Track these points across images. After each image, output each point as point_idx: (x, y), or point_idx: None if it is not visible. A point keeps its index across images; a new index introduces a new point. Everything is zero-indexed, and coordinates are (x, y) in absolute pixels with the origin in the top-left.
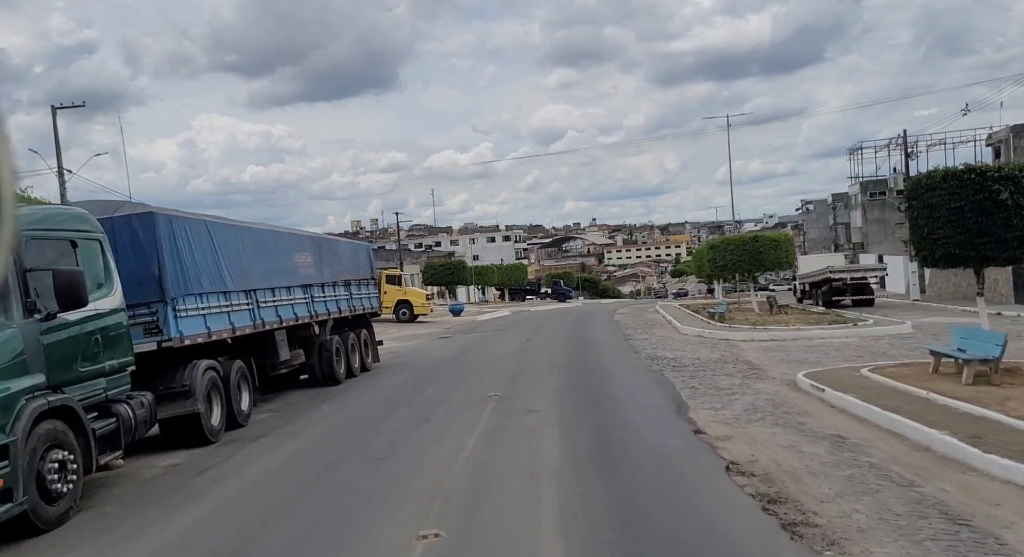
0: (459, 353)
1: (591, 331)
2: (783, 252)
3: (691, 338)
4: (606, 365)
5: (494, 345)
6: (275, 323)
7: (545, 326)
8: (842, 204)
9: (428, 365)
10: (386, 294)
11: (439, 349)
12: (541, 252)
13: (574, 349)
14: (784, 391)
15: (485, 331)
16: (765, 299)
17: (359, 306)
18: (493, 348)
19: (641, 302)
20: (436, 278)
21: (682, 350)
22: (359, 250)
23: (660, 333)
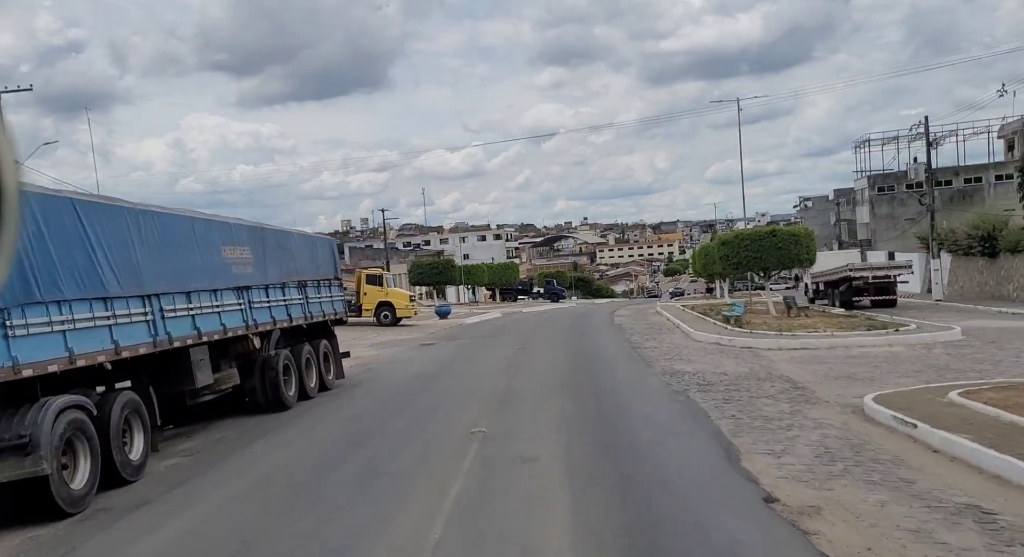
0: (441, 367)
1: (592, 337)
2: (803, 248)
3: (708, 346)
4: (617, 384)
5: (482, 356)
6: (190, 338)
7: (540, 331)
8: (844, 200)
9: (402, 383)
10: (366, 296)
11: (418, 361)
12: (533, 251)
13: (575, 362)
14: (854, 423)
15: (473, 337)
16: (782, 300)
17: (318, 312)
18: (481, 360)
19: (637, 302)
20: (423, 278)
21: (702, 362)
22: (319, 245)
23: (670, 340)
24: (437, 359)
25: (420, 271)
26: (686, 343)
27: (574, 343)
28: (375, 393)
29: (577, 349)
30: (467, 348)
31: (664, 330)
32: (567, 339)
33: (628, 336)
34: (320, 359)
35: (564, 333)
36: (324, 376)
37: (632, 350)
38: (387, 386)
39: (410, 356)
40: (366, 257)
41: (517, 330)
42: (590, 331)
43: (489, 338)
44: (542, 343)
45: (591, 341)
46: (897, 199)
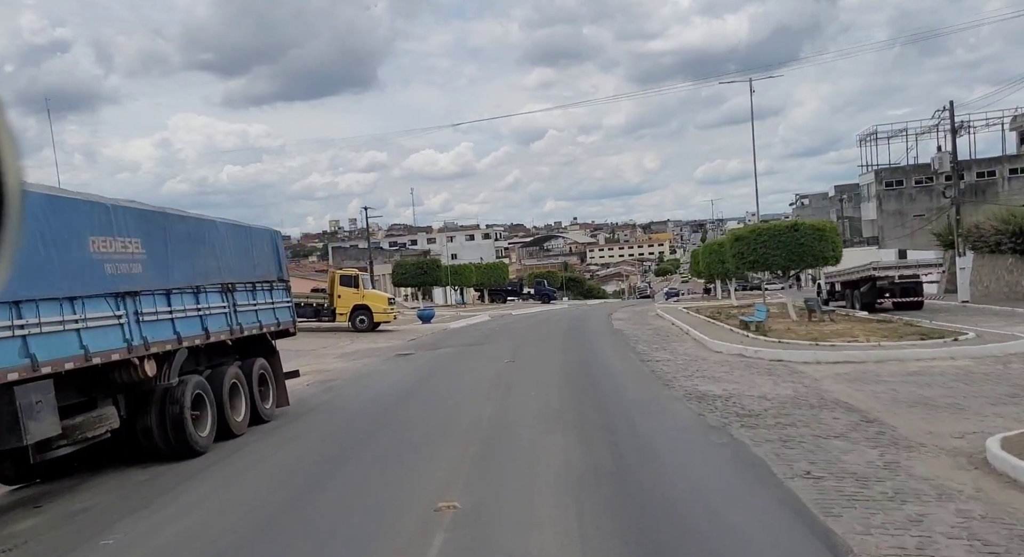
0: (414, 386)
1: (591, 346)
2: (828, 244)
3: (730, 359)
4: (633, 414)
5: (464, 371)
6: (16, 371)
7: (532, 338)
8: (846, 196)
9: (359, 412)
10: (340, 298)
11: (389, 377)
12: (522, 251)
13: (575, 380)
14: (993, 489)
15: (456, 346)
16: (803, 303)
17: (251, 324)
18: (462, 377)
19: (632, 303)
20: (407, 278)
21: (731, 381)
22: (255, 238)
23: (684, 350)
24: (412, 375)
25: (404, 271)
26: (703, 354)
27: (572, 353)
28: (323, 427)
29: (576, 362)
30: (448, 360)
31: (672, 337)
32: (563, 348)
33: (633, 345)
34: (253, 384)
35: (559, 340)
36: (259, 406)
37: (642, 363)
38: (342, 415)
39: (381, 370)
40: (350, 257)
41: (506, 337)
42: (588, 337)
43: (475, 347)
44: (535, 354)
45: (591, 351)
46: (906, 195)
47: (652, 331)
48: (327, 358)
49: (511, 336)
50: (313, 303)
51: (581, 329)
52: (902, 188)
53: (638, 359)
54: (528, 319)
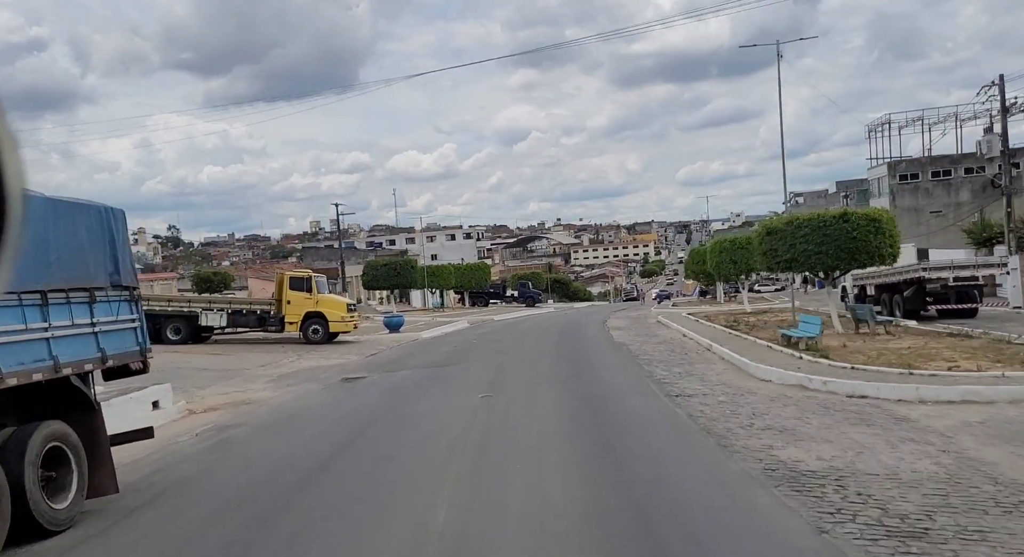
0: (339, 447)
1: (593, 368)
2: (885, 237)
3: (790, 393)
4: (693, 516)
5: (419, 416)
6: None
7: (516, 354)
8: (847, 193)
9: (232, 503)
10: (290, 305)
11: (312, 424)
12: (506, 252)
13: (582, 430)
14: None
15: (421, 366)
16: (846, 311)
17: (39, 361)
18: (413, 428)
19: (622, 306)
20: (378, 281)
21: (817, 437)
22: (66, 217)
23: (716, 376)
24: (347, 419)
25: (375, 273)
26: (747, 384)
27: (570, 380)
28: (147, 547)
29: (577, 395)
30: (403, 392)
31: (693, 355)
32: (556, 372)
33: (646, 366)
34: (27, 470)
35: (550, 359)
36: (37, 505)
37: (669, 401)
38: (201, 510)
39: (312, 407)
40: (322, 257)
41: (484, 352)
42: (586, 355)
43: (443, 369)
44: (520, 380)
45: (594, 377)
46: (922, 189)
47: (663, 345)
48: (257, 381)
49: (490, 351)
50: (257, 310)
51: (575, 341)
52: (918, 182)
53: (662, 392)
54: (512, 327)
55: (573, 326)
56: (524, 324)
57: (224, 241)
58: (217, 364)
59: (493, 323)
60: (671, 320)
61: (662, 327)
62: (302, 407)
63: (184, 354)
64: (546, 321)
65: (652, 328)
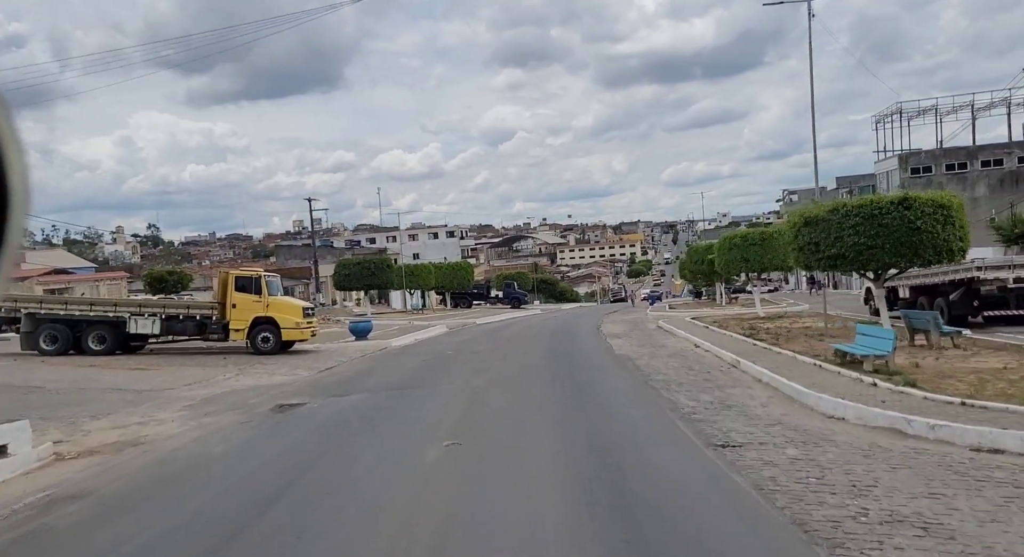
0: (229, 532)
1: (596, 390)
2: (955, 228)
3: (880, 436)
4: None
5: (359, 474)
6: None
7: (498, 370)
8: (848, 190)
9: None
10: (236, 309)
11: (194, 490)
12: (491, 252)
13: (598, 513)
14: None
15: (379, 387)
16: (905, 320)
17: None
18: (348, 496)
19: (613, 308)
20: (351, 280)
21: (986, 537)
22: None
23: (761, 406)
24: (246, 484)
25: (347, 272)
26: (815, 424)
27: (569, 414)
28: None
29: (582, 443)
30: (345, 431)
31: (716, 374)
32: (549, 398)
33: (662, 389)
34: None
35: (540, 378)
36: None
37: (714, 456)
38: None
39: (207, 459)
40: (295, 256)
41: (461, 369)
42: (584, 372)
43: (405, 393)
44: (502, 414)
45: (599, 408)
46: (935, 183)
47: (675, 360)
48: (171, 408)
49: (468, 366)
50: (196, 315)
51: (569, 354)
52: (931, 176)
53: (699, 437)
54: (495, 333)
55: (564, 333)
56: (509, 329)
57: (205, 240)
58: (134, 382)
59: (474, 328)
60: (674, 326)
61: (666, 335)
62: (197, 458)
63: (100, 368)
64: (533, 326)
65: (655, 336)
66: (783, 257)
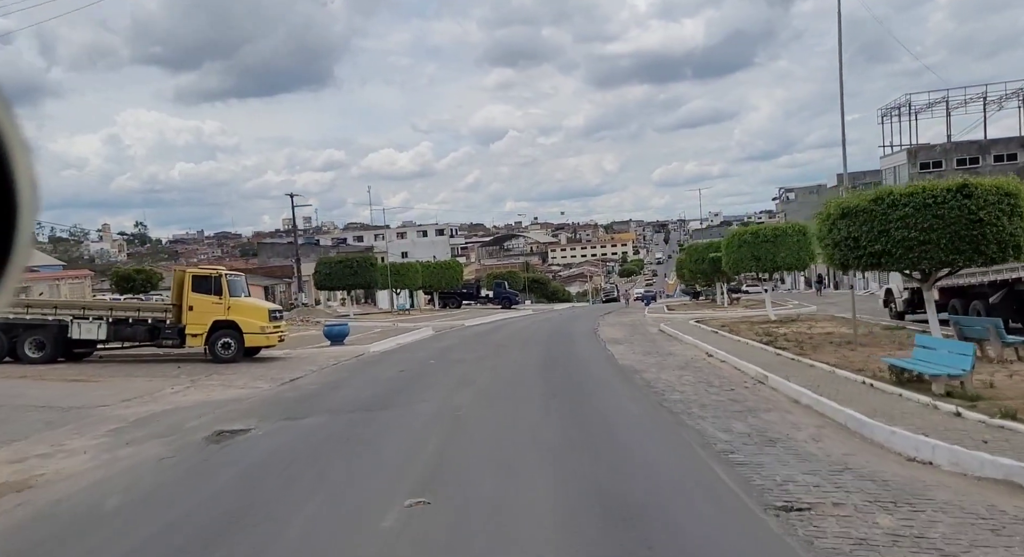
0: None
1: (603, 415)
2: (1022, 222)
3: (994, 493)
4: None
5: (287, 544)
6: None
7: (485, 385)
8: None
9: None
10: (192, 311)
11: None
12: (482, 251)
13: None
14: None
15: (342, 407)
16: (953, 327)
17: None
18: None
19: (607, 308)
20: (332, 280)
21: None
22: None
23: (812, 441)
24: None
25: (328, 271)
26: (894, 470)
27: (574, 455)
28: None
29: (593, 497)
30: (285, 474)
31: (742, 393)
32: (545, 423)
33: (681, 413)
34: None
35: (533, 392)
36: None
37: (779, 527)
38: None
39: (101, 511)
40: (278, 254)
41: (442, 383)
42: (585, 389)
43: (370, 416)
44: (487, 450)
45: (610, 442)
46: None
47: (689, 373)
48: (90, 433)
49: (450, 379)
50: (148, 318)
51: (566, 364)
52: (941, 170)
53: (744, 491)
54: (484, 337)
55: (558, 337)
56: (499, 333)
57: (193, 238)
58: (65, 398)
59: (462, 331)
60: (678, 330)
61: (672, 341)
62: (80, 517)
63: (31, 380)
64: (525, 329)
65: (659, 342)
66: (797, 255)
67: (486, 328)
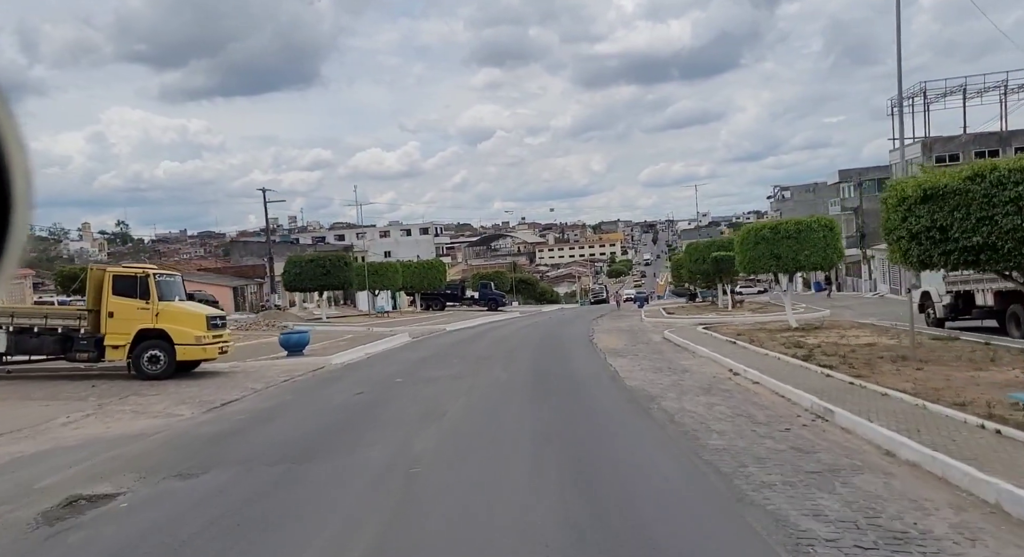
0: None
1: (617, 468)
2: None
3: None
4: None
5: None
6: None
7: (458, 420)
8: (860, 182)
9: None
10: (113, 319)
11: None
12: (469, 251)
13: None
14: None
15: (263, 455)
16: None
17: None
18: None
19: (598, 311)
20: (303, 281)
21: None
22: None
23: (994, 550)
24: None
25: (297, 271)
26: None
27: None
28: None
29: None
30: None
31: (803, 433)
32: (539, 494)
33: (739, 479)
34: None
35: (520, 434)
36: None
37: None
38: None
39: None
40: (251, 252)
41: (404, 413)
42: (589, 422)
43: (300, 470)
44: (451, 550)
45: (638, 527)
46: None
47: (719, 399)
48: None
49: (416, 408)
50: (58, 327)
51: (560, 385)
52: (958, 164)
53: None
54: (464, 345)
55: (549, 345)
56: (482, 341)
57: (176, 238)
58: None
59: (442, 337)
60: (685, 338)
61: (681, 352)
62: None
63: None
64: (511, 335)
65: (666, 353)
66: (824, 253)
67: (468, 334)
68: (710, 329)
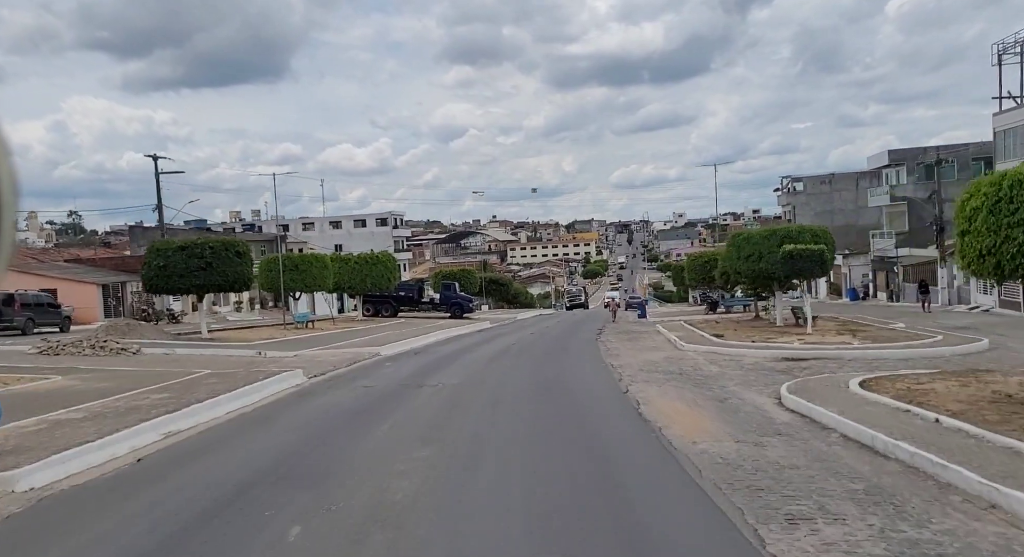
0: None
1: None
2: None
3: None
4: None
5: None
6: None
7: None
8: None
9: None
10: None
11: None
12: (437, 248)
13: None
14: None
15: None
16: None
17: None
18: None
19: (589, 321)
20: (170, 278)
21: None
22: None
23: None
24: None
25: (162, 263)
26: None
27: None
28: None
29: None
30: None
31: None
32: None
33: None
34: None
35: None
36: None
37: None
38: None
39: None
40: (151, 241)
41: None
42: None
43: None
44: None
45: None
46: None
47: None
48: None
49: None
50: None
51: None
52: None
53: None
54: (400, 397)
55: (546, 395)
56: (431, 380)
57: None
58: None
59: (364, 377)
60: (736, 371)
61: (870, 455)
62: None
63: None
64: (478, 370)
65: (750, 418)
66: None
67: (416, 364)
68: (901, 399)
